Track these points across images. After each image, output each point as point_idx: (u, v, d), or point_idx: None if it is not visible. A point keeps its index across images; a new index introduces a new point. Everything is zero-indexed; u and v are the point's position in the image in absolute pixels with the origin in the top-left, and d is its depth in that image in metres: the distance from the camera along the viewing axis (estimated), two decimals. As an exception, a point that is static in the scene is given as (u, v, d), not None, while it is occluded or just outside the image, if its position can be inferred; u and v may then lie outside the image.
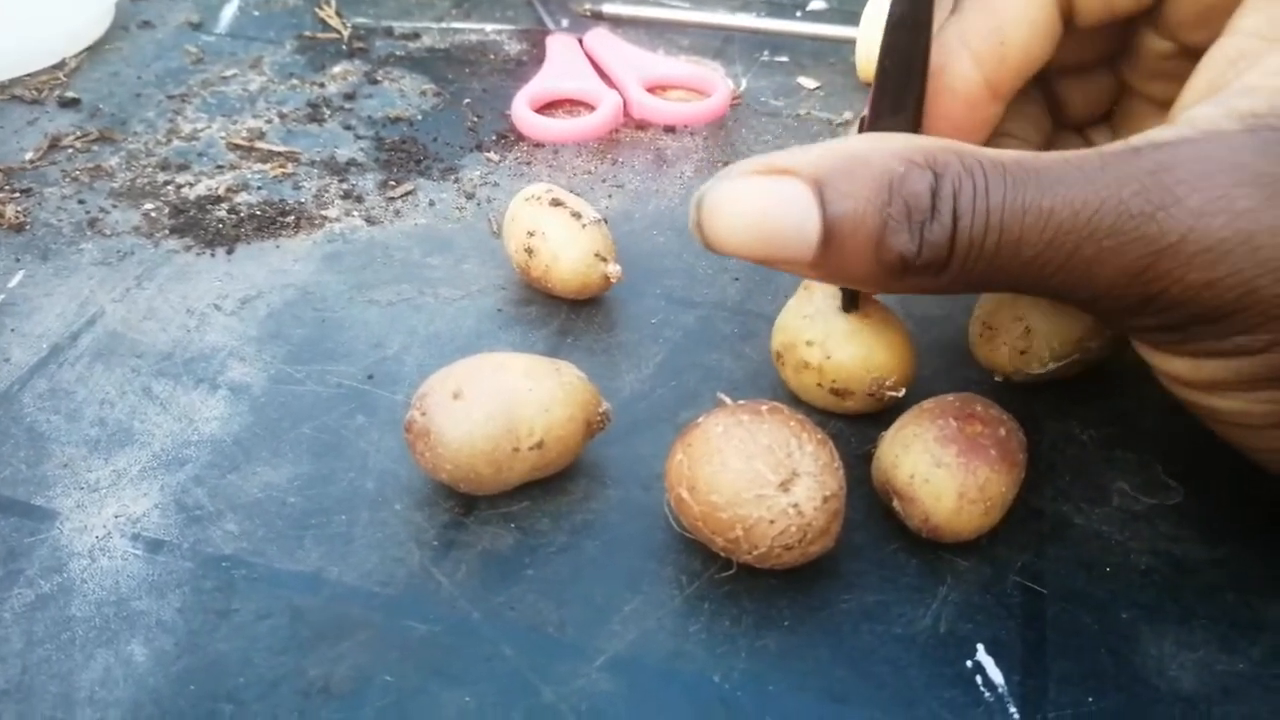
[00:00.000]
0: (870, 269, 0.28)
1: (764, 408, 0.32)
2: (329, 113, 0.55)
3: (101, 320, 0.42)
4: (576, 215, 0.41)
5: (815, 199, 0.28)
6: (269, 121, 0.54)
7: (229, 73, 0.58)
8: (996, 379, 0.39)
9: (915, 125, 0.33)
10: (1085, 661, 0.31)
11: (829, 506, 0.30)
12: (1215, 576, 0.33)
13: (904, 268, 0.28)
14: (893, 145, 0.28)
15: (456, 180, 0.51)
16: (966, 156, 0.27)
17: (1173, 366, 0.30)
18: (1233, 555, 0.34)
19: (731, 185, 0.29)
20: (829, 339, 0.37)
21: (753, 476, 0.30)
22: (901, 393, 0.37)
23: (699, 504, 0.31)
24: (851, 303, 0.37)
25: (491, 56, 0.61)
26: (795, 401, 0.39)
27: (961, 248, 0.27)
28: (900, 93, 0.32)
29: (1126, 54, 0.36)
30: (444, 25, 0.64)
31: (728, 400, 0.32)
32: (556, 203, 0.42)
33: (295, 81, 0.58)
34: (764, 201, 0.28)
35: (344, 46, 0.61)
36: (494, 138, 0.54)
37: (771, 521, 0.30)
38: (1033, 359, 0.37)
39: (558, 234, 0.41)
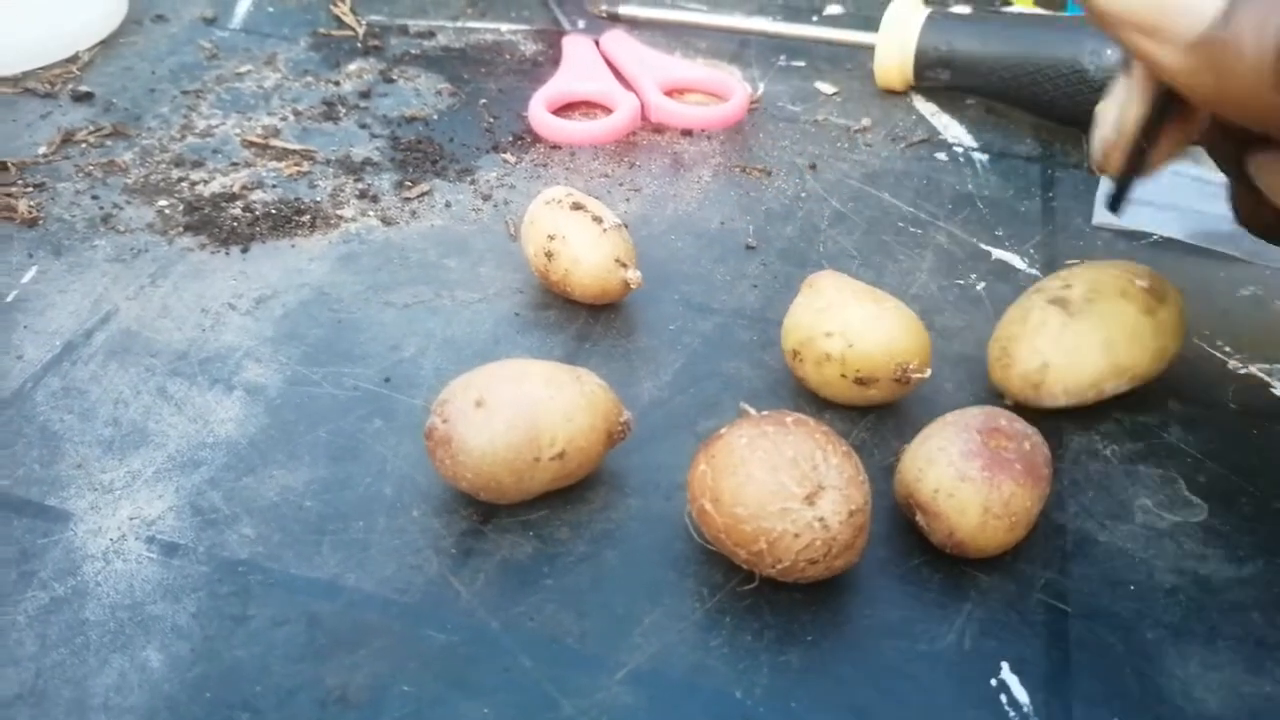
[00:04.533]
0: (1257, 68, 0.26)
1: (789, 419, 0.31)
2: (344, 111, 0.55)
3: (115, 318, 0.41)
4: (597, 219, 0.41)
5: None
6: (284, 119, 0.54)
7: (243, 69, 0.58)
8: (1007, 402, 0.38)
9: None
10: (1110, 682, 0.31)
11: (855, 520, 0.30)
12: (1241, 595, 0.33)
13: None
14: None
15: (473, 181, 0.50)
16: None
17: None
18: (1259, 574, 0.34)
19: None
20: (849, 328, 0.36)
21: (777, 489, 0.30)
22: (927, 373, 0.37)
23: (723, 516, 0.30)
24: (1120, 197, 0.36)
25: (507, 56, 0.61)
26: (815, 405, 0.39)
27: None
28: None
29: None
30: (459, 24, 0.64)
31: (751, 411, 0.32)
32: (577, 206, 0.41)
33: (310, 79, 0.57)
34: None
35: (359, 44, 0.61)
36: (510, 139, 0.53)
37: (796, 535, 0.30)
38: (1044, 395, 0.37)
39: (578, 238, 0.41)
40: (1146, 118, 0.33)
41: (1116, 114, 0.35)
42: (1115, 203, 0.36)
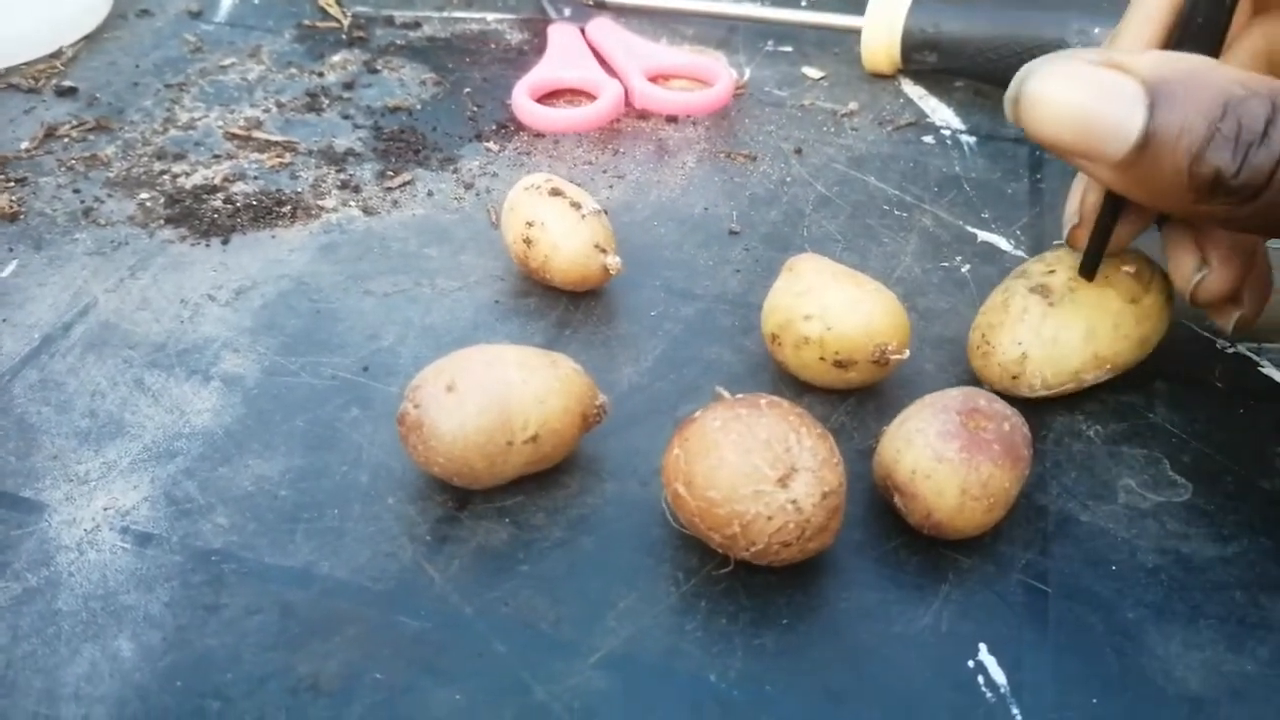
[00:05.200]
0: (1178, 181, 0.28)
1: (763, 401, 0.31)
2: (327, 102, 0.55)
3: (94, 310, 0.41)
4: (576, 205, 0.41)
5: (1145, 99, 0.27)
6: (267, 111, 0.54)
7: (227, 61, 0.58)
8: (985, 389, 0.38)
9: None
10: (1090, 662, 0.30)
11: (828, 503, 0.30)
12: (1223, 575, 0.33)
13: (1214, 187, 0.27)
14: (1234, 71, 0.28)
15: (455, 170, 0.50)
16: None
17: None
18: (1242, 553, 0.33)
19: (1062, 67, 0.29)
20: (827, 311, 0.36)
21: (750, 472, 0.29)
22: (905, 355, 0.36)
23: (695, 500, 0.30)
24: (1091, 269, 0.37)
25: (493, 45, 0.60)
26: (795, 389, 0.38)
27: None
28: (1207, 32, 0.31)
29: None
30: (445, 14, 0.63)
31: (726, 394, 0.32)
32: (556, 192, 0.41)
33: (294, 70, 0.57)
34: (1090, 90, 0.28)
35: (344, 35, 0.61)
36: (494, 127, 0.53)
37: (769, 518, 0.29)
38: (1023, 385, 0.37)
39: (557, 224, 0.40)
40: (1104, 203, 0.35)
41: (1079, 197, 0.37)
42: (1087, 271, 0.37)
